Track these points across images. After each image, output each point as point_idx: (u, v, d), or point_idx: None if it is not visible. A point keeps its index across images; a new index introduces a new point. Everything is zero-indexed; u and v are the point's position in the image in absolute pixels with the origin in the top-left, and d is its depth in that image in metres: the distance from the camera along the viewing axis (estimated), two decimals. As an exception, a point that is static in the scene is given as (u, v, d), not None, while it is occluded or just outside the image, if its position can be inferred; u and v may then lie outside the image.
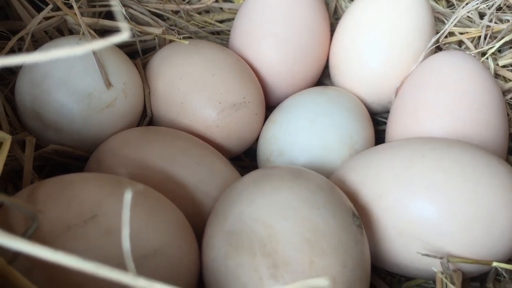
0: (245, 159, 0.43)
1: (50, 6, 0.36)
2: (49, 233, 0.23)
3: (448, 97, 0.36)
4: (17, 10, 0.39)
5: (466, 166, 0.29)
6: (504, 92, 0.42)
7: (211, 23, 0.49)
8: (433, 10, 0.48)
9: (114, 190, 0.25)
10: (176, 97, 0.37)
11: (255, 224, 0.25)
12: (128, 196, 0.15)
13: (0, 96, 0.34)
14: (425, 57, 0.40)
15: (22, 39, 0.38)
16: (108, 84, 0.34)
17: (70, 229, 0.23)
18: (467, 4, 0.45)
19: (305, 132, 0.37)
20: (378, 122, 0.46)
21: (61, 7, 0.35)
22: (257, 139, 0.41)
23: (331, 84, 0.47)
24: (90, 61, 0.33)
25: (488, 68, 0.41)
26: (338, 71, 0.44)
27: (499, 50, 0.47)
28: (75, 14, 0.35)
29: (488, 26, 0.44)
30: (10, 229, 0.22)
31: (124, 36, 0.14)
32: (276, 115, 0.40)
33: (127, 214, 0.15)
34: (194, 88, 0.37)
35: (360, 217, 0.29)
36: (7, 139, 0.25)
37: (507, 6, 0.46)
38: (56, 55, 0.14)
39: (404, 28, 0.41)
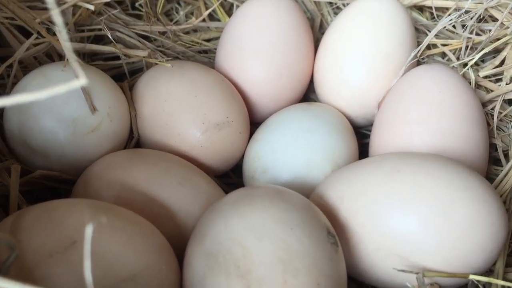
0: (233, 175, 0.44)
1: (35, 36, 0.37)
2: (31, 261, 0.23)
3: (427, 110, 0.37)
4: (6, 37, 0.40)
5: (440, 180, 0.30)
6: (486, 103, 0.43)
7: (198, 42, 0.50)
8: (417, 22, 0.49)
9: (94, 216, 0.26)
10: (161, 119, 0.38)
11: (231, 245, 0.26)
12: (89, 230, 0.16)
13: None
14: (406, 71, 0.41)
15: (11, 65, 0.39)
16: (93, 109, 0.35)
17: (51, 256, 0.24)
18: (449, 15, 0.46)
19: (288, 149, 0.38)
20: (363, 135, 0.47)
21: (45, 35, 0.36)
22: (243, 156, 0.42)
23: (317, 98, 0.48)
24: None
25: (468, 80, 0.42)
26: (322, 86, 0.45)
27: (482, 60, 0.47)
28: (61, 41, 0.36)
29: (469, 38, 0.45)
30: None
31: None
32: (259, 133, 0.41)
33: (88, 247, 0.16)
34: (178, 109, 0.38)
35: (338, 232, 0.30)
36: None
37: (489, 16, 0.47)
38: (39, 96, 0.15)
39: (384, 42, 0.42)
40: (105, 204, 0.29)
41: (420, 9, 0.50)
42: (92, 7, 0.39)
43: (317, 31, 0.53)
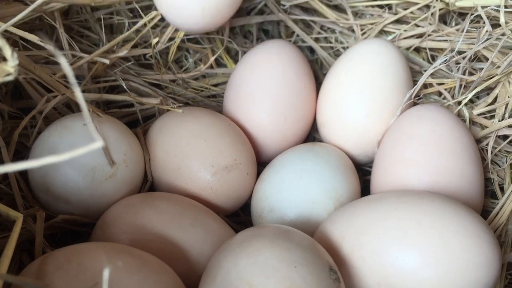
0: (242, 214, 0.46)
1: (58, 98, 0.40)
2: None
3: (422, 149, 0.39)
4: (27, 91, 0.44)
5: (434, 216, 0.32)
6: (481, 138, 0.45)
7: (207, 88, 0.53)
8: (414, 63, 0.52)
9: (114, 258, 0.29)
10: (173, 163, 0.41)
11: (240, 284, 0.28)
12: (106, 273, 0.18)
13: (14, 173, 0.37)
14: (403, 111, 0.44)
15: (34, 117, 0.42)
16: (112, 163, 0.37)
17: (75, 297, 0.26)
18: (444, 55, 0.49)
19: (293, 189, 0.40)
20: (365, 172, 0.49)
21: (64, 91, 0.39)
22: (251, 196, 0.44)
23: (320, 137, 0.50)
24: (92, 137, 0.37)
25: (463, 117, 0.44)
26: (325, 126, 0.48)
27: (478, 97, 0.50)
28: (78, 94, 0.39)
29: (462, 77, 0.47)
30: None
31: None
32: (266, 173, 0.43)
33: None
34: (189, 154, 0.41)
35: (341, 268, 0.32)
36: (19, 217, 0.28)
37: (482, 55, 0.50)
38: (61, 158, 0.18)
39: (381, 84, 0.44)
40: (122, 246, 0.31)
41: (417, 50, 0.53)
42: (107, 61, 0.43)
43: (319, 71, 0.56)
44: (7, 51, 0.22)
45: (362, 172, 0.49)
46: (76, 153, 0.19)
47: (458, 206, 0.32)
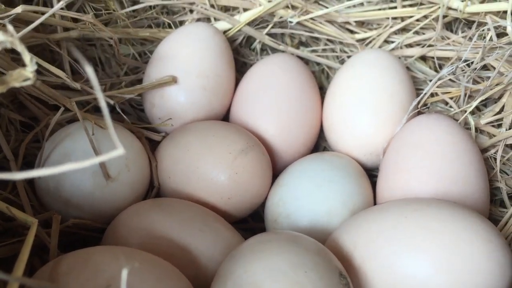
0: (251, 221, 0.46)
1: (61, 110, 0.40)
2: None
3: (427, 157, 0.40)
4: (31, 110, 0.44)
5: (445, 223, 0.32)
6: (488, 147, 0.45)
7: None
8: (419, 71, 0.53)
9: (125, 262, 0.29)
10: (181, 168, 0.41)
11: (251, 288, 0.28)
12: (124, 274, 0.18)
13: (23, 183, 0.38)
14: (409, 119, 0.44)
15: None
16: (108, 176, 0.38)
17: (88, 299, 0.26)
18: (451, 64, 0.49)
19: (311, 197, 0.40)
20: (369, 176, 0.49)
21: (79, 114, 0.39)
22: (261, 204, 0.44)
23: (328, 145, 0.51)
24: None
25: (467, 127, 0.45)
26: (331, 133, 0.48)
27: (485, 105, 0.50)
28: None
29: (467, 86, 0.47)
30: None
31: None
32: (283, 179, 0.43)
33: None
34: (202, 152, 0.41)
35: (353, 277, 0.32)
36: (34, 222, 0.29)
37: (489, 63, 0.50)
38: (68, 168, 0.18)
39: (381, 93, 0.45)
40: (134, 250, 0.31)
41: (423, 58, 0.54)
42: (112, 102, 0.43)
43: (325, 80, 0.57)
44: (26, 56, 0.22)
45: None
46: (97, 160, 0.19)
47: (468, 212, 0.33)
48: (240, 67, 0.56)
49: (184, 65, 0.46)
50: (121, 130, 0.41)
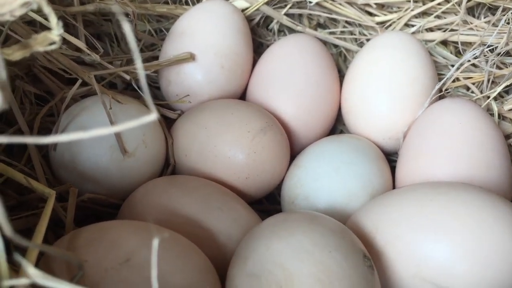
0: (266, 202, 0.46)
1: (78, 83, 0.39)
2: (90, 277, 0.25)
3: (448, 142, 0.39)
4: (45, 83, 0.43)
5: (472, 207, 0.31)
6: (511, 134, 0.44)
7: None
8: (440, 55, 0.52)
9: (145, 236, 0.28)
10: (198, 146, 0.41)
11: (273, 267, 0.27)
12: (155, 242, 0.18)
13: (38, 155, 0.37)
14: (430, 103, 0.43)
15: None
16: (125, 151, 0.37)
17: (107, 271, 0.26)
18: (473, 49, 0.48)
19: (330, 179, 0.40)
20: (388, 161, 0.49)
21: (98, 88, 0.38)
22: (277, 185, 0.43)
23: (346, 129, 0.50)
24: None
25: (490, 113, 0.44)
26: (350, 116, 0.47)
27: (506, 92, 0.49)
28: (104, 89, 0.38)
29: (490, 71, 0.46)
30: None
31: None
32: (301, 160, 0.43)
33: (155, 258, 0.18)
34: (221, 130, 0.40)
35: (374, 259, 0.32)
36: (52, 194, 0.28)
37: (512, 49, 0.49)
38: (85, 135, 0.17)
39: (402, 76, 0.44)
40: (152, 225, 0.31)
41: (444, 43, 0.53)
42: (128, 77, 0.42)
43: (343, 63, 0.56)
44: (53, 19, 0.22)
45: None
46: (127, 126, 0.18)
47: (495, 197, 0.32)
48: (257, 48, 0.55)
49: (202, 42, 0.45)
50: (138, 106, 0.40)
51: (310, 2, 0.52)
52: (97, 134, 0.18)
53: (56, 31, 0.22)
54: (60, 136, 0.17)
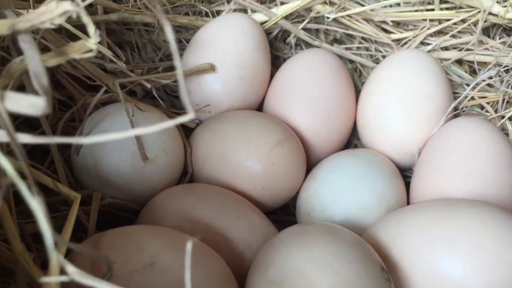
0: (280, 213, 0.46)
1: (103, 90, 0.40)
2: (115, 278, 0.26)
3: (463, 159, 0.40)
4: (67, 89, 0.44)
5: (491, 226, 0.31)
6: (525, 154, 0.45)
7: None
8: (455, 74, 0.52)
9: (167, 241, 0.29)
10: (217, 156, 0.41)
11: (294, 276, 0.28)
12: (189, 246, 0.18)
13: (61, 160, 0.38)
14: (446, 121, 0.44)
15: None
16: (146, 158, 0.38)
17: (132, 274, 0.26)
18: (489, 70, 0.49)
19: (347, 192, 0.40)
20: (403, 177, 0.49)
21: (121, 95, 0.38)
22: (293, 197, 0.44)
23: (360, 143, 0.50)
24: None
25: (505, 132, 0.44)
26: (366, 131, 0.48)
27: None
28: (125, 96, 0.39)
29: (505, 91, 0.47)
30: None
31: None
32: (317, 173, 0.43)
33: (188, 261, 0.18)
34: (239, 140, 0.41)
35: (392, 274, 0.32)
36: (77, 197, 0.29)
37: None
38: (108, 137, 0.18)
39: (417, 93, 0.45)
40: (173, 230, 0.31)
41: (459, 62, 0.53)
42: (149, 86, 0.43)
43: (358, 79, 0.56)
44: (91, 27, 0.22)
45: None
46: (150, 129, 0.18)
47: (510, 216, 0.32)
48: (274, 61, 0.56)
49: (222, 54, 0.46)
50: (158, 113, 0.41)
51: (328, 18, 0.53)
52: (120, 137, 0.18)
53: (93, 40, 0.23)
54: (84, 138, 0.18)
